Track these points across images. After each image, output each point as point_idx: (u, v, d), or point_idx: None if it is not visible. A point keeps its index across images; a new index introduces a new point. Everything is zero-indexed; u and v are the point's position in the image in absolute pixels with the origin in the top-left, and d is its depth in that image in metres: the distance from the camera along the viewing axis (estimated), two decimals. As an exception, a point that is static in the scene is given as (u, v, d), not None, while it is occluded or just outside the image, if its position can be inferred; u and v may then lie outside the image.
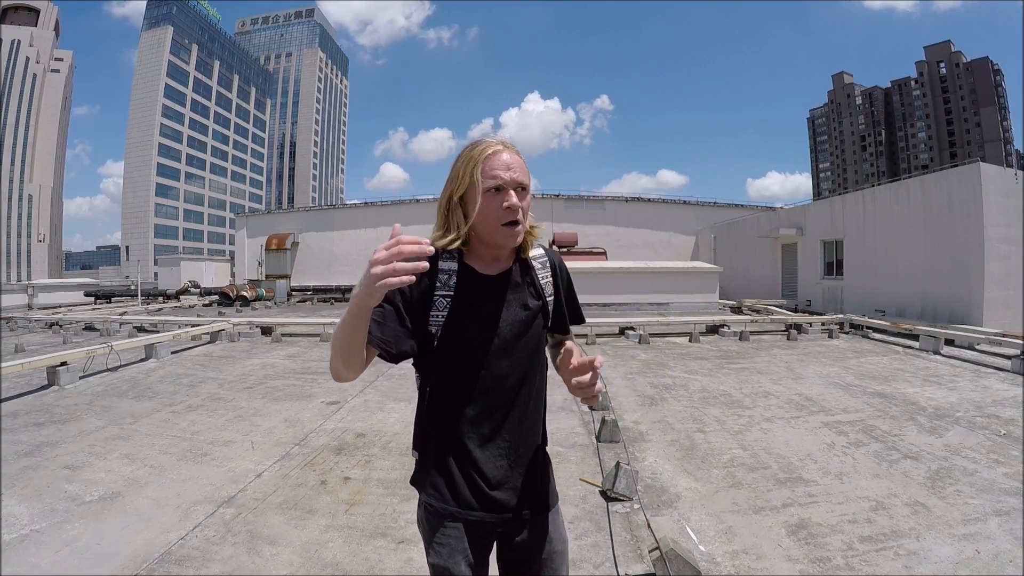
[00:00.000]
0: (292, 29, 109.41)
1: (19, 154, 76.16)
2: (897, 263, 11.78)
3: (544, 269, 1.22)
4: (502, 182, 1.05)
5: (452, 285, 1.10)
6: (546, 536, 1.19)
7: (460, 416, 1.12)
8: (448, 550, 1.12)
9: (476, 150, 1.08)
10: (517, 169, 1.07)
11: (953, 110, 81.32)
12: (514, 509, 1.14)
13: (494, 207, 1.06)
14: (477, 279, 1.12)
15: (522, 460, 1.16)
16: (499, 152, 1.07)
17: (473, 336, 1.10)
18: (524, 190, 1.09)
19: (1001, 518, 2.72)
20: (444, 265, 1.10)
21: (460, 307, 1.09)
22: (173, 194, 76.59)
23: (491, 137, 1.13)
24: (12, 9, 78.27)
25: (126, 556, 2.45)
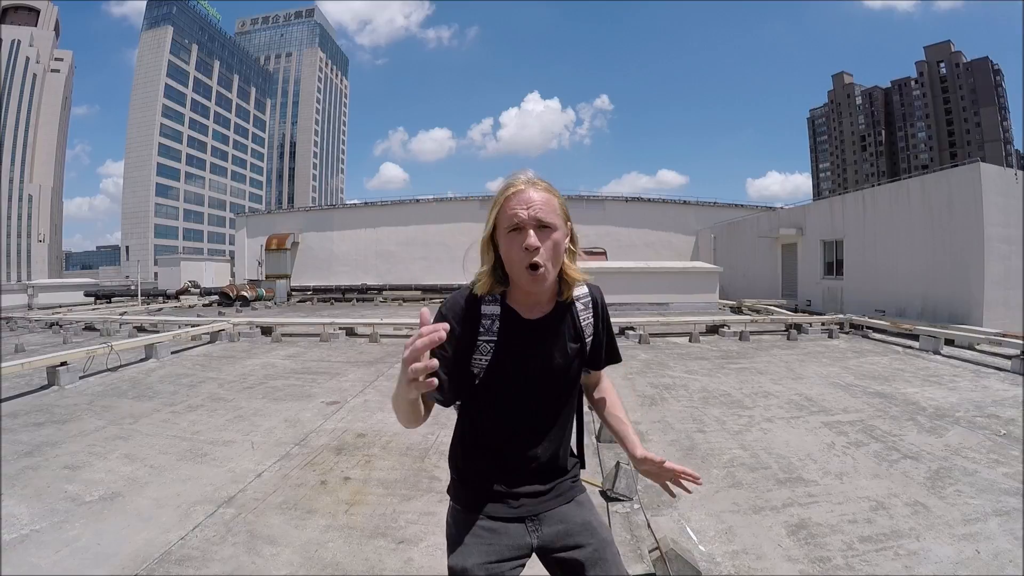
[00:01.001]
0: (292, 29, 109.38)
1: (19, 154, 76.10)
2: (897, 263, 11.78)
3: (587, 310, 1.21)
4: (519, 221, 1.03)
5: (495, 330, 1.11)
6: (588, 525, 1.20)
7: (493, 445, 1.17)
8: (469, 551, 1.14)
9: (501, 191, 1.08)
10: (538, 206, 1.03)
11: (953, 110, 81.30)
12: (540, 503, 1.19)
13: (515, 248, 1.04)
14: (519, 324, 1.13)
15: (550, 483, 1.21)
16: (521, 191, 1.05)
17: (512, 381, 1.14)
18: (546, 228, 1.04)
19: (1001, 518, 2.72)
20: (487, 310, 1.13)
21: (502, 352, 1.11)
22: (173, 194, 76.57)
23: (522, 173, 1.10)
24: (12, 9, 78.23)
25: (126, 556, 2.45)
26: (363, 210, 30.24)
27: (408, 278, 26.62)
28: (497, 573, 1.12)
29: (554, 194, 1.09)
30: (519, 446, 1.17)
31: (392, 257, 28.11)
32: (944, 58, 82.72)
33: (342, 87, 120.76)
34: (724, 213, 26.36)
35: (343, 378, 6.60)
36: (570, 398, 1.21)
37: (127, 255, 68.56)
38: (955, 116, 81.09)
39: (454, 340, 1.07)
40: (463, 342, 1.10)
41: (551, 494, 1.21)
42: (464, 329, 1.10)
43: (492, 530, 1.15)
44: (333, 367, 7.36)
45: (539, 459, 1.18)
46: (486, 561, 1.12)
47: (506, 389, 1.14)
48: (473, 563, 1.11)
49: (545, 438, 1.18)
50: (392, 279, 26.98)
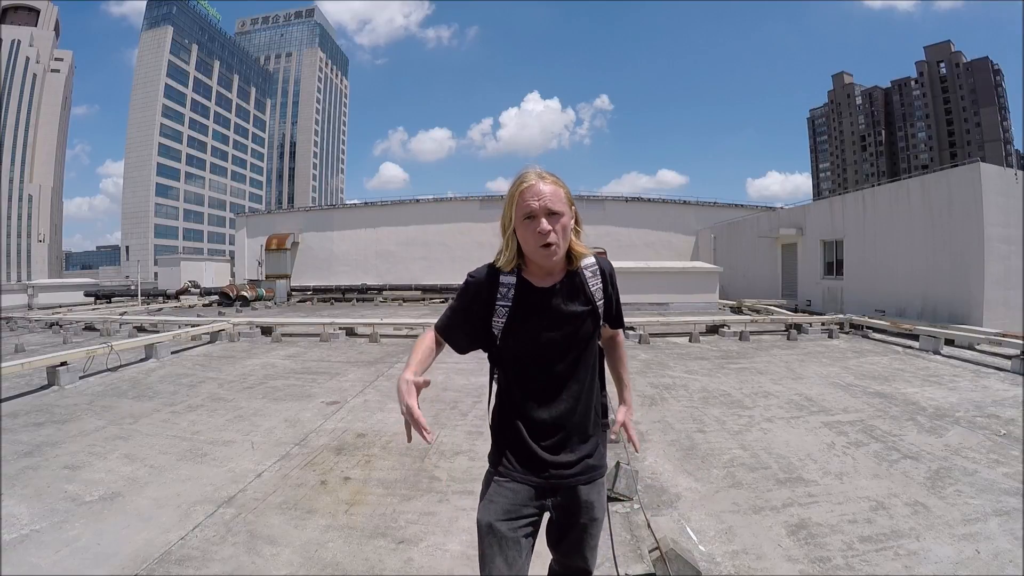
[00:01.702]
0: (292, 29, 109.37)
1: (19, 154, 76.08)
2: (897, 263, 11.78)
3: (595, 277, 1.39)
4: (532, 211, 1.24)
5: (511, 297, 1.32)
6: (590, 504, 1.38)
7: (521, 402, 1.34)
8: (495, 507, 1.32)
9: (515, 185, 1.29)
10: (548, 196, 1.25)
11: (953, 110, 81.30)
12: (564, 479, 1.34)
13: (530, 233, 1.26)
14: (532, 291, 1.33)
15: (573, 439, 1.36)
16: (532, 185, 1.26)
17: (528, 339, 1.32)
18: (555, 214, 1.25)
19: (1001, 518, 2.72)
20: (504, 280, 1.34)
21: (516, 314, 1.32)
22: (173, 194, 76.57)
23: (532, 168, 1.31)
24: (12, 9, 78.22)
25: (126, 556, 2.45)
26: (363, 210, 30.22)
27: (408, 278, 26.60)
28: (514, 527, 1.30)
29: (560, 185, 1.30)
30: (541, 407, 1.33)
31: (392, 257, 28.10)
32: (944, 58, 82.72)
33: (342, 87, 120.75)
34: (724, 213, 26.35)
35: (343, 378, 6.60)
36: (584, 358, 1.36)
37: (127, 255, 68.55)
38: (955, 116, 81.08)
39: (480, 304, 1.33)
40: (484, 305, 1.33)
41: (575, 469, 1.35)
42: (485, 294, 1.33)
43: (514, 491, 1.32)
44: (333, 367, 7.36)
45: (561, 422, 1.33)
46: (505, 518, 1.30)
47: (522, 349, 1.33)
48: (492, 518, 1.30)
49: (563, 399, 1.33)
50: (392, 279, 26.96)
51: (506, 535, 1.29)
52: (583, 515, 1.38)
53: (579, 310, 1.34)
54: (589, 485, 1.38)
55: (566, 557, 1.45)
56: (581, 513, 1.38)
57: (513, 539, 1.29)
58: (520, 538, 1.30)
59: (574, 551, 1.43)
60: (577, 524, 1.39)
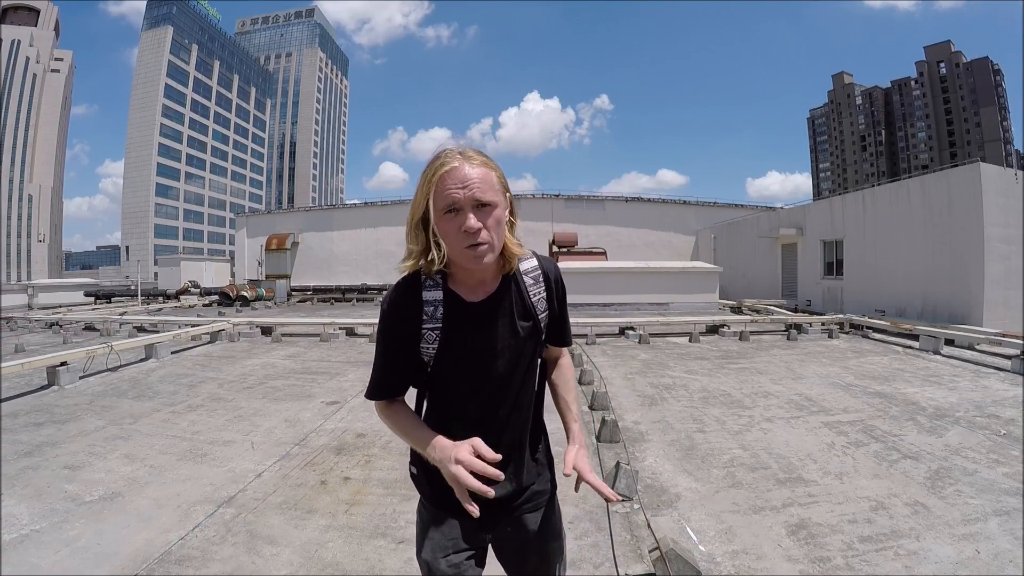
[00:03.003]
0: (292, 29, 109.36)
1: (19, 154, 76.07)
2: (897, 263, 11.78)
3: (537, 284, 1.15)
4: (455, 202, 0.96)
5: (439, 317, 1.07)
6: (539, 533, 1.21)
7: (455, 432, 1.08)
8: (432, 544, 1.19)
9: (432, 167, 0.99)
10: (475, 184, 0.97)
11: (953, 110, 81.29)
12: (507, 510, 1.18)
13: (452, 230, 0.98)
14: (463, 308, 1.08)
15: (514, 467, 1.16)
16: (455, 168, 0.97)
17: (462, 368, 1.09)
18: (486, 206, 0.98)
19: (1001, 518, 2.72)
20: (428, 296, 1.07)
21: (448, 339, 1.07)
22: (173, 194, 76.56)
23: (452, 145, 1.02)
24: (12, 9, 78.22)
25: (126, 556, 2.45)
26: (363, 210, 30.24)
27: (408, 278, 26.59)
28: (455, 562, 1.15)
29: (491, 167, 1.02)
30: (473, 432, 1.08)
31: (392, 257, 28.03)
32: (944, 58, 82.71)
33: (342, 87, 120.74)
34: (724, 213, 26.37)
35: (343, 378, 6.59)
36: (526, 383, 1.15)
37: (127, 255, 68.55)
38: (955, 116, 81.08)
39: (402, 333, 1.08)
40: (409, 332, 1.08)
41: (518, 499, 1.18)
42: (408, 318, 1.07)
43: (451, 525, 1.17)
44: (333, 367, 7.35)
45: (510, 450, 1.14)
46: (444, 554, 1.16)
47: (457, 376, 1.10)
48: (430, 556, 1.17)
49: (503, 427, 1.13)
50: (392, 279, 26.59)
51: (446, 573, 1.14)
52: (533, 545, 1.22)
53: (520, 325, 1.11)
54: (535, 512, 1.21)
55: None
56: (531, 544, 1.21)
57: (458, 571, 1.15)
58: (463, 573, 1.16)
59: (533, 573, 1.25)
60: (530, 557, 1.23)
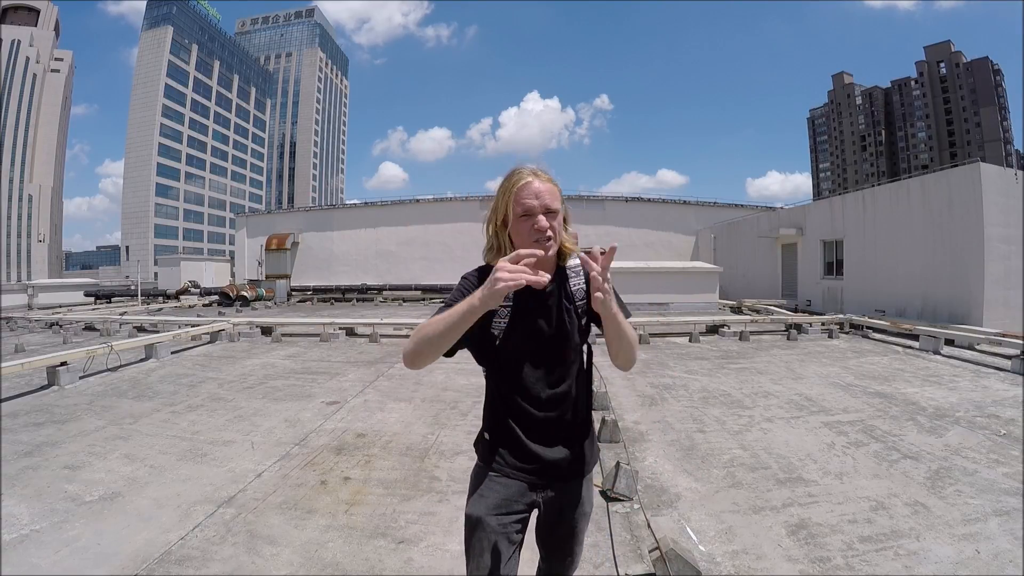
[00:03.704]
0: (292, 29, 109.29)
1: (19, 154, 76.05)
2: (897, 263, 11.78)
3: (577, 276, 1.38)
4: (530, 208, 1.25)
5: (510, 296, 1.29)
6: (580, 499, 1.40)
7: (515, 400, 1.34)
8: (486, 502, 1.34)
9: (510, 181, 1.28)
10: (545, 195, 1.26)
11: (953, 110, 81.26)
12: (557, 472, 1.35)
13: (526, 230, 1.26)
14: (528, 292, 1.26)
15: (565, 435, 1.36)
16: (529, 183, 1.26)
17: (526, 338, 1.32)
18: (552, 212, 1.26)
19: (1001, 518, 2.72)
20: None
21: (517, 314, 1.32)
22: (173, 194, 76.52)
23: (526, 166, 1.31)
24: (12, 9, 78.19)
25: (126, 556, 2.45)
26: (363, 210, 30.22)
27: (408, 278, 26.61)
28: (504, 522, 1.32)
29: (554, 183, 1.31)
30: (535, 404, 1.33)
31: (392, 257, 28.10)
32: (944, 58, 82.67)
33: (342, 87, 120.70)
34: (724, 213, 26.34)
35: (343, 378, 6.59)
36: (574, 356, 1.36)
37: (127, 255, 68.54)
38: (955, 116, 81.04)
39: None
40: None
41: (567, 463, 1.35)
42: None
43: (505, 485, 1.34)
44: (333, 367, 7.36)
45: (554, 419, 1.34)
46: (495, 512, 1.32)
47: (523, 345, 1.32)
48: (483, 512, 1.33)
49: (556, 396, 1.33)
50: (392, 279, 26.96)
51: (495, 529, 1.30)
52: (575, 510, 1.40)
53: (567, 308, 1.35)
54: (580, 479, 1.40)
55: (552, 555, 1.46)
56: (572, 508, 1.39)
57: (503, 534, 1.31)
58: (510, 534, 1.31)
59: (561, 547, 1.44)
60: (567, 519, 1.40)
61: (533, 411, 1.34)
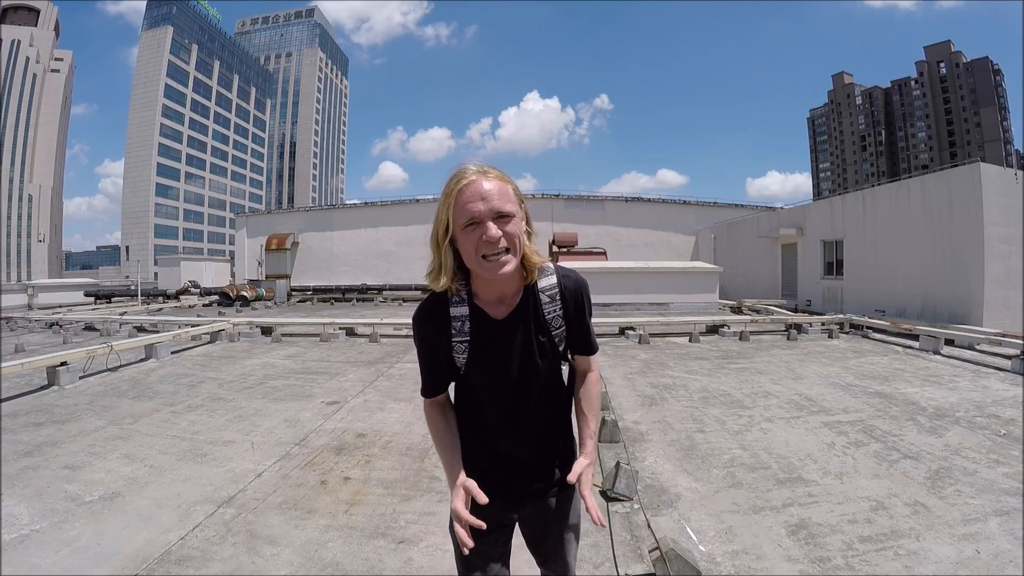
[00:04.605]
0: (292, 29, 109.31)
1: (19, 154, 76.06)
2: (897, 263, 11.78)
3: (553, 303, 1.18)
4: (476, 214, 1.01)
5: (466, 331, 1.14)
6: (563, 512, 1.30)
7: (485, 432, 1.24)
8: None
9: (450, 184, 1.05)
10: (494, 196, 1.02)
11: (953, 110, 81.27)
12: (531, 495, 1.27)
13: (472, 242, 1.03)
14: (487, 323, 1.15)
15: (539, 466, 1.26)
16: (473, 182, 1.03)
17: (488, 377, 1.18)
18: (504, 216, 1.03)
19: (1001, 518, 2.72)
20: (455, 312, 1.15)
21: (475, 352, 1.15)
22: (173, 194, 76.53)
23: (470, 163, 1.08)
24: (12, 9, 78.19)
25: (126, 556, 2.45)
26: (363, 210, 30.22)
27: (408, 278, 26.58)
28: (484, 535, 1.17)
29: (507, 180, 1.07)
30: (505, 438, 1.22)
31: (392, 257, 28.09)
32: (944, 58, 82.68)
33: (342, 87, 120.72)
34: (724, 213, 26.35)
35: (343, 378, 6.59)
36: (549, 388, 1.23)
37: (127, 255, 68.54)
38: (955, 116, 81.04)
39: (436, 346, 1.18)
40: (440, 342, 1.17)
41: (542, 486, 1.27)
42: (438, 333, 1.16)
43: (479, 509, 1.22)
44: (333, 367, 7.36)
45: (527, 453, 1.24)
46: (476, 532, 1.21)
47: (483, 382, 1.19)
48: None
49: (525, 426, 1.22)
50: (392, 279, 26.96)
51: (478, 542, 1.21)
52: (553, 528, 1.31)
53: (538, 339, 1.17)
54: (556, 498, 1.30)
55: (546, 567, 1.39)
56: (551, 526, 1.31)
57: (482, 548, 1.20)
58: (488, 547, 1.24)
59: (553, 559, 1.36)
60: (551, 534, 1.32)
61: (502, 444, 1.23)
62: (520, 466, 1.24)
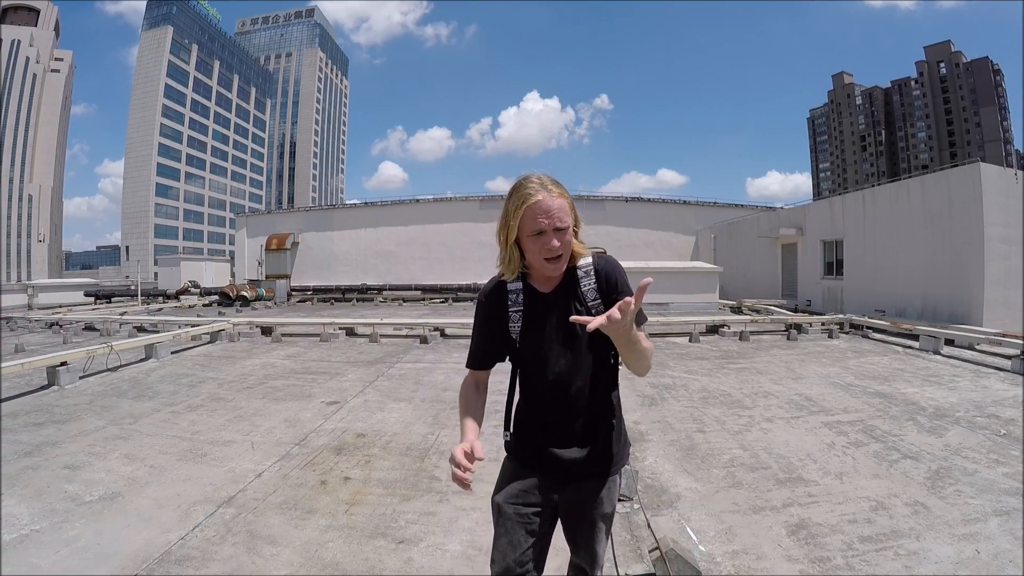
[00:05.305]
0: (292, 29, 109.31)
1: (19, 154, 76.06)
2: (897, 263, 11.78)
3: (587, 277, 1.37)
4: (541, 229, 1.26)
5: (520, 301, 1.38)
6: (598, 499, 1.41)
7: (534, 400, 1.41)
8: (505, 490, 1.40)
9: (519, 195, 1.27)
10: (555, 213, 1.26)
11: (953, 110, 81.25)
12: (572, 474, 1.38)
13: (537, 248, 1.28)
14: (536, 296, 1.38)
15: (581, 436, 1.38)
16: (540, 202, 1.25)
17: (537, 342, 1.37)
18: (561, 230, 1.27)
19: (1001, 518, 2.72)
20: (512, 287, 1.40)
21: (528, 318, 1.38)
22: (173, 194, 76.53)
23: (533, 176, 1.30)
24: (12, 9, 78.19)
25: (126, 556, 2.45)
26: (363, 210, 30.21)
27: (408, 278, 26.61)
28: (523, 512, 1.36)
29: (565, 196, 1.30)
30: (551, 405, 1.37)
31: (392, 257, 28.09)
32: (944, 58, 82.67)
33: (342, 87, 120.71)
34: (724, 213, 26.34)
35: (343, 378, 6.60)
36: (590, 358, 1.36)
37: (127, 255, 68.54)
38: (955, 116, 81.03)
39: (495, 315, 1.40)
40: (500, 315, 1.40)
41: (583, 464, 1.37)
42: (499, 304, 1.40)
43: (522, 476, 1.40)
44: (333, 367, 7.36)
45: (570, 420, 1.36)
46: (513, 501, 1.37)
47: (537, 348, 1.37)
48: (501, 499, 1.39)
49: (572, 398, 1.36)
50: (392, 279, 26.96)
51: (511, 517, 1.34)
52: (589, 513, 1.41)
53: (576, 309, 1.35)
54: (597, 480, 1.40)
55: (576, 554, 1.49)
56: (589, 508, 1.41)
57: (519, 522, 1.34)
58: (527, 523, 1.35)
59: (584, 547, 1.46)
60: (586, 519, 1.41)
61: (548, 412, 1.38)
62: (568, 444, 1.36)
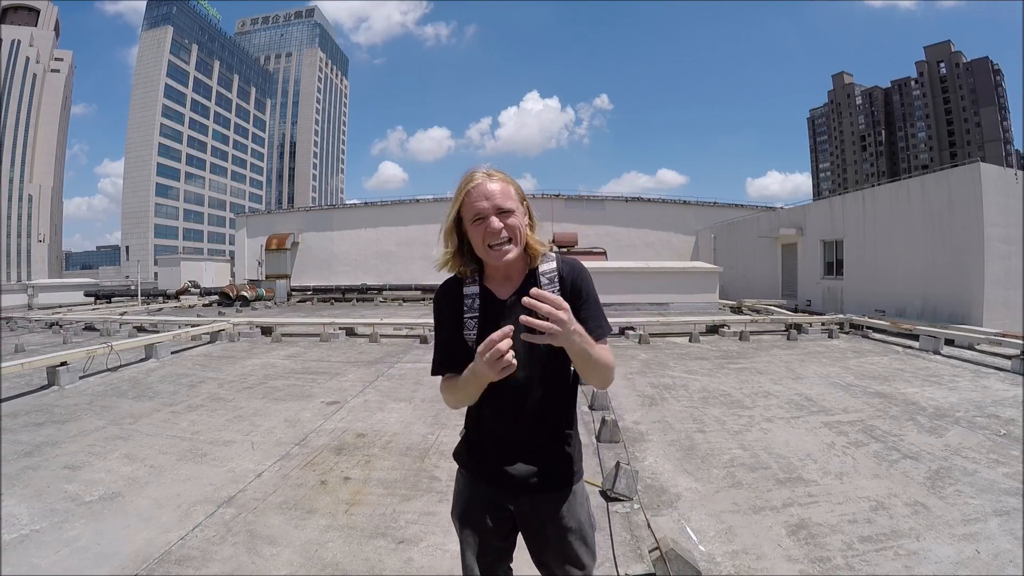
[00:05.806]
0: (292, 29, 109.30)
1: (19, 154, 76.04)
2: (897, 263, 11.78)
3: (551, 284, 1.28)
4: (481, 211, 1.19)
5: (476, 307, 1.28)
6: (555, 515, 1.31)
7: (487, 412, 1.31)
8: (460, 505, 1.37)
9: (461, 186, 1.22)
10: (497, 195, 1.19)
11: (953, 110, 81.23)
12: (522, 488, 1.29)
13: (479, 234, 1.20)
14: (493, 302, 1.29)
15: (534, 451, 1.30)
16: (479, 184, 1.20)
17: None
18: (505, 212, 1.19)
19: (1001, 518, 2.72)
20: (467, 291, 1.31)
21: (483, 326, 1.25)
22: (173, 194, 76.51)
23: (479, 168, 1.24)
24: (12, 9, 78.18)
25: (126, 556, 2.45)
26: (363, 210, 30.22)
27: (408, 278, 26.59)
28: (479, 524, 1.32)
29: (509, 182, 1.24)
30: (504, 418, 1.29)
31: (392, 257, 28.09)
32: (944, 58, 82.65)
33: (342, 87, 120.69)
34: (724, 213, 26.34)
35: (343, 378, 6.59)
36: (549, 369, 1.27)
37: (127, 255, 68.53)
38: (955, 116, 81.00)
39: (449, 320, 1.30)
40: (454, 320, 1.30)
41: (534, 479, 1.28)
42: (453, 309, 1.30)
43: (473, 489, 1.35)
44: (333, 367, 7.36)
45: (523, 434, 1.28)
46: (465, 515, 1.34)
47: None
48: (456, 514, 1.36)
49: (526, 411, 1.27)
50: (392, 279, 26.96)
51: (471, 530, 1.32)
52: (551, 533, 1.31)
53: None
54: (553, 494, 1.31)
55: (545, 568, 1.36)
56: (548, 529, 1.31)
57: (479, 535, 1.31)
58: (487, 535, 1.31)
59: (554, 562, 1.34)
60: (544, 534, 1.32)
61: (500, 424, 1.29)
62: (521, 456, 1.28)
